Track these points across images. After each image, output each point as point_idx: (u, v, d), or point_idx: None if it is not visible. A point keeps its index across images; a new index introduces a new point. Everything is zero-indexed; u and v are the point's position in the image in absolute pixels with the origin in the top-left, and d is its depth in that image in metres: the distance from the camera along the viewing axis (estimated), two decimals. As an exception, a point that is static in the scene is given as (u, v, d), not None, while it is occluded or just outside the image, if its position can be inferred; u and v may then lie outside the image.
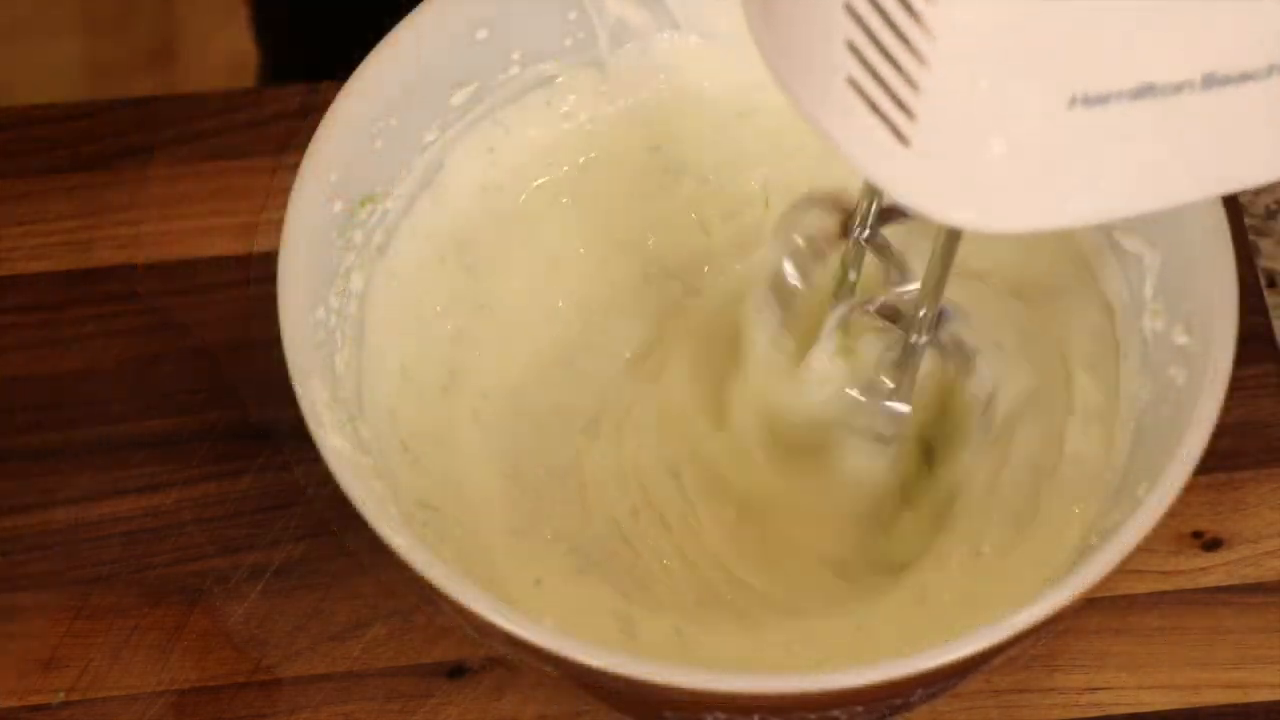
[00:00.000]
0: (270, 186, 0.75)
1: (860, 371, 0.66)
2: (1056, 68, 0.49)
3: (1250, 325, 0.68)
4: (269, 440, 0.72)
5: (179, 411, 0.73)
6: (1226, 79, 0.50)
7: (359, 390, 0.65)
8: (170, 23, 1.47)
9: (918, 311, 0.62)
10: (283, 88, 0.79)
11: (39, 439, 0.73)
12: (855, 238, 0.65)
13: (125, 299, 0.75)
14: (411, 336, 0.68)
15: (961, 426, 0.66)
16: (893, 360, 0.65)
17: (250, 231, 0.76)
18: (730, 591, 0.66)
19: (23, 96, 1.40)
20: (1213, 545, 0.70)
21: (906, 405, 0.65)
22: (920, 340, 0.63)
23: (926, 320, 0.63)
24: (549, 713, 0.68)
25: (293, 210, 0.63)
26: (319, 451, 0.60)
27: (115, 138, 0.78)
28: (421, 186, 0.69)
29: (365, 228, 0.67)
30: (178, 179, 0.77)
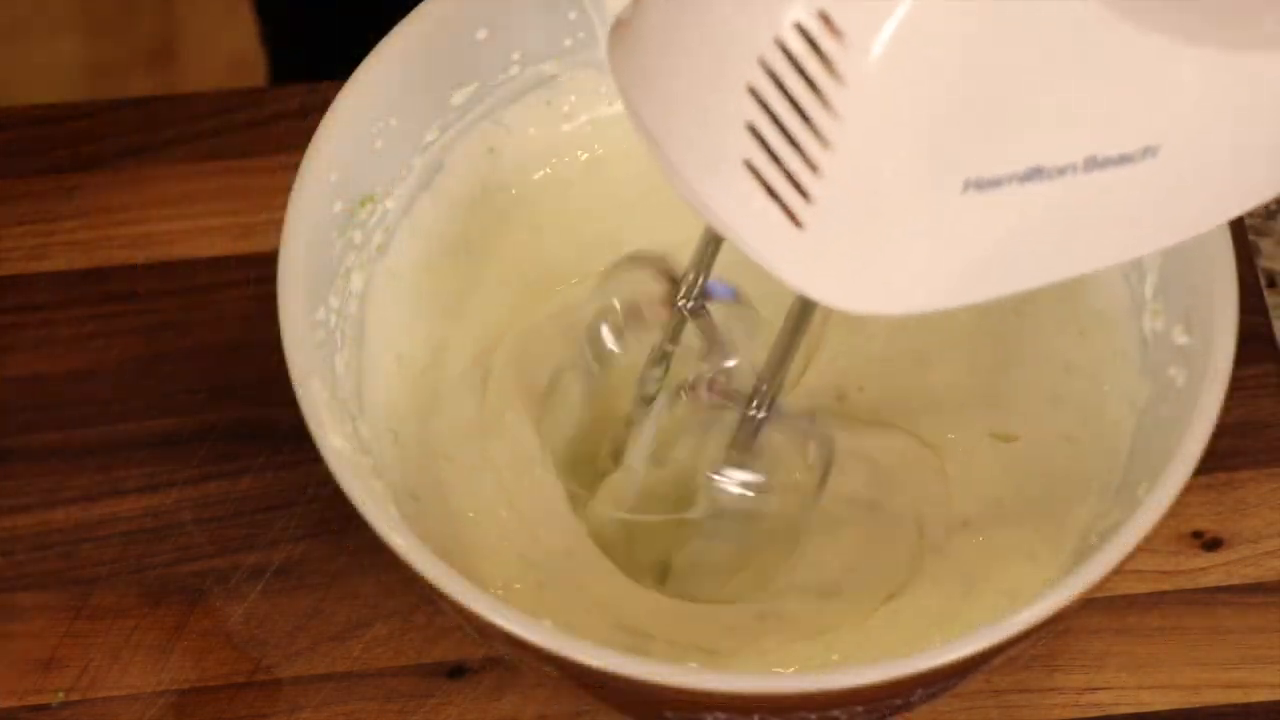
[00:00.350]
0: (270, 186, 0.75)
1: (700, 454, 0.63)
2: (954, 152, 0.50)
3: (1250, 325, 0.68)
4: (269, 440, 0.72)
5: (179, 411, 0.73)
6: (1106, 161, 0.51)
7: (359, 390, 0.65)
8: (170, 23, 1.47)
9: (761, 385, 0.60)
10: (283, 88, 0.79)
11: (39, 439, 0.73)
12: (679, 307, 0.63)
13: (125, 299, 0.75)
14: (411, 336, 0.68)
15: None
16: (733, 439, 0.62)
17: (250, 231, 0.76)
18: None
19: (23, 96, 1.41)
20: (1213, 545, 0.70)
21: (759, 475, 0.62)
22: (759, 415, 0.61)
23: (769, 394, 0.61)
24: (549, 713, 0.68)
25: (293, 210, 0.63)
26: (319, 451, 0.60)
27: (115, 138, 0.78)
28: (421, 186, 0.69)
29: (365, 228, 0.67)
30: (178, 179, 0.77)
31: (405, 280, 0.68)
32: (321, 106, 0.65)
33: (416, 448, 0.66)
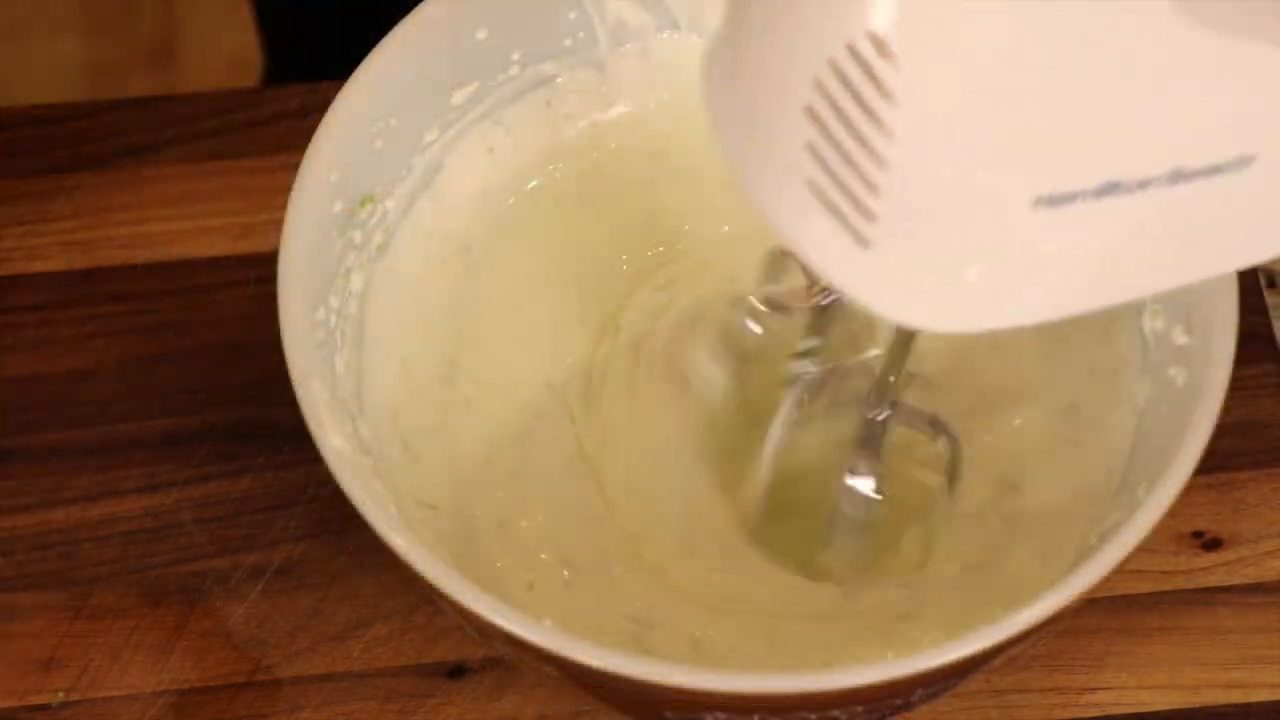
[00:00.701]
0: (270, 186, 0.75)
1: (830, 441, 0.64)
2: (1019, 168, 0.49)
3: (1250, 325, 0.68)
4: (269, 440, 0.72)
5: (179, 411, 0.73)
6: (1195, 173, 0.50)
7: (359, 390, 0.65)
8: (170, 23, 1.47)
9: (882, 385, 0.61)
10: (283, 88, 0.79)
11: (39, 439, 0.73)
12: (818, 302, 0.64)
13: (125, 299, 0.75)
14: (412, 336, 0.68)
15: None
16: (857, 437, 0.63)
17: (250, 231, 0.76)
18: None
19: (23, 96, 1.41)
20: (1213, 545, 0.70)
21: (870, 488, 0.63)
22: (879, 416, 0.62)
23: (888, 396, 0.61)
24: (549, 713, 0.68)
25: (293, 210, 0.63)
26: (319, 451, 0.60)
27: (115, 138, 0.78)
28: (421, 186, 0.69)
29: (365, 228, 0.67)
30: (177, 179, 0.77)
31: (405, 280, 0.68)
32: (321, 106, 0.65)
33: (435, 458, 0.66)
